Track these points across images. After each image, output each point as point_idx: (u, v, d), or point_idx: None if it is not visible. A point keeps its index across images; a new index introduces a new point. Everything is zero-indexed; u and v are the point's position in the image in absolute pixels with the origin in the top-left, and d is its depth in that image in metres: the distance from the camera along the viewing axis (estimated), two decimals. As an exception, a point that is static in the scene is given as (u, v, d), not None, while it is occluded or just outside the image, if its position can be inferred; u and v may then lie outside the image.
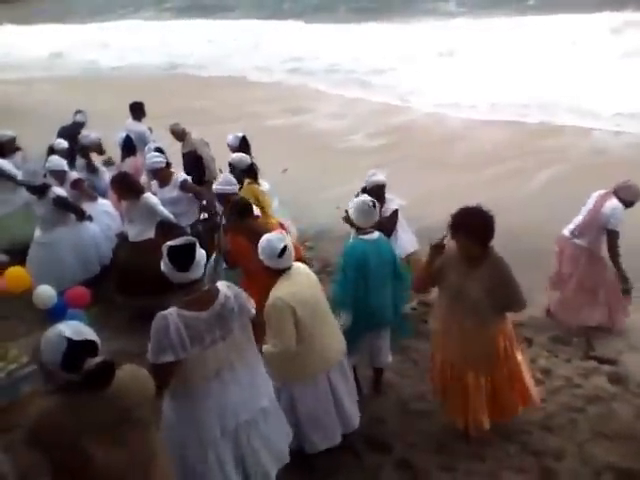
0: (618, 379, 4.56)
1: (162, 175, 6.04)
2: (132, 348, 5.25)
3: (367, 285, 4.01)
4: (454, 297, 3.67)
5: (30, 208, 6.12)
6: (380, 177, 5.07)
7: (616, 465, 3.72)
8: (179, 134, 7.63)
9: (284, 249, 3.44)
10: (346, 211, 4.30)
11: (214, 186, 5.26)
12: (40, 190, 5.90)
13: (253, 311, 3.16)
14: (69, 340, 2.27)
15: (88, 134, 7.59)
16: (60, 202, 5.92)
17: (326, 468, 3.81)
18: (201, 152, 7.51)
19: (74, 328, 2.33)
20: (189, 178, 6.14)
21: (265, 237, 3.51)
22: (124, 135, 7.35)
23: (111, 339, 4.36)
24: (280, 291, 3.41)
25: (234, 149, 6.49)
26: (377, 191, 4.88)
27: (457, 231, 3.51)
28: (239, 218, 4.40)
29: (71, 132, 8.08)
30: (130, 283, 5.75)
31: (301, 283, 3.51)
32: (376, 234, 4.16)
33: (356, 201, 4.16)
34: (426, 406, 4.36)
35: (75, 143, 7.49)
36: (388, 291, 4.20)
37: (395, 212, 5.13)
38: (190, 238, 3.05)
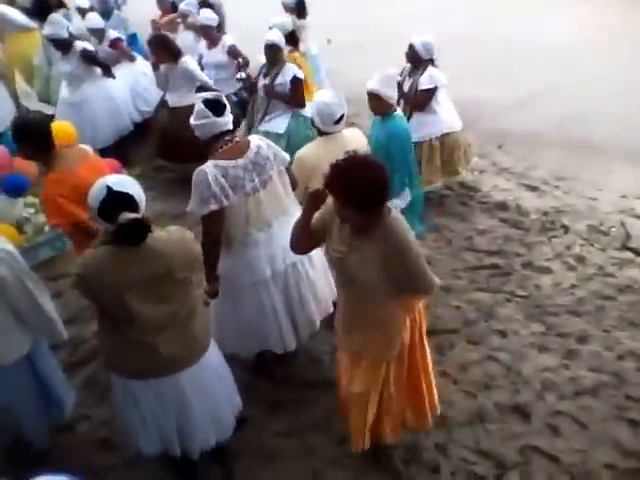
0: (653, 271, 4.54)
1: (211, 36, 5.87)
2: (172, 210, 5.41)
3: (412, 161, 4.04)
4: (337, 269, 2.69)
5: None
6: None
7: (639, 351, 3.79)
8: None
9: (341, 117, 3.45)
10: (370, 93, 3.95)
11: (267, 37, 5.10)
12: (66, 45, 5.81)
13: (288, 158, 3.24)
14: (108, 189, 2.35)
15: None
16: (87, 55, 5.85)
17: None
18: None
19: (119, 180, 2.42)
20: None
21: (324, 100, 3.44)
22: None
23: (152, 201, 4.45)
24: (307, 150, 3.50)
25: (289, 8, 6.21)
26: None
27: (331, 191, 2.43)
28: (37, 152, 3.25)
29: None
30: (171, 148, 5.80)
31: (334, 146, 3.34)
32: (399, 108, 4.10)
33: (382, 77, 3.89)
34: (455, 283, 4.46)
35: None
36: None
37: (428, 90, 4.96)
38: (219, 94, 3.18)
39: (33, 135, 3.19)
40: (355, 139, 3.59)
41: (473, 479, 3.02)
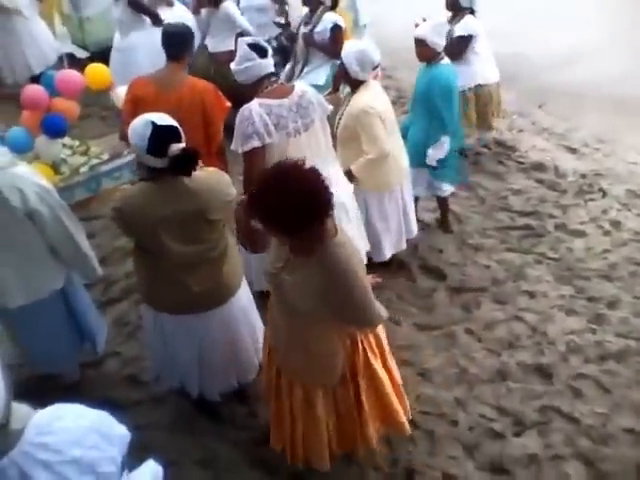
0: (690, 239, 4.42)
1: None
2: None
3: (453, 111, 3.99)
4: (270, 284, 2.34)
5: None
6: None
7: (670, 319, 3.72)
8: None
9: (378, 64, 3.49)
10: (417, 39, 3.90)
11: None
12: None
13: (330, 107, 3.25)
14: (154, 124, 2.35)
15: None
16: (133, 3, 5.79)
17: (380, 286, 3.97)
18: None
19: (159, 115, 2.42)
20: None
21: (360, 49, 3.44)
22: None
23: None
24: (366, 100, 3.46)
25: None
26: None
27: (251, 211, 2.08)
28: None
29: None
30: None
31: (379, 94, 3.58)
32: (446, 58, 4.03)
33: (432, 24, 3.86)
34: (485, 242, 4.41)
35: None
36: None
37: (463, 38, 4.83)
38: (258, 38, 3.20)
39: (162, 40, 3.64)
40: (376, 83, 3.68)
41: (491, 435, 3.03)
